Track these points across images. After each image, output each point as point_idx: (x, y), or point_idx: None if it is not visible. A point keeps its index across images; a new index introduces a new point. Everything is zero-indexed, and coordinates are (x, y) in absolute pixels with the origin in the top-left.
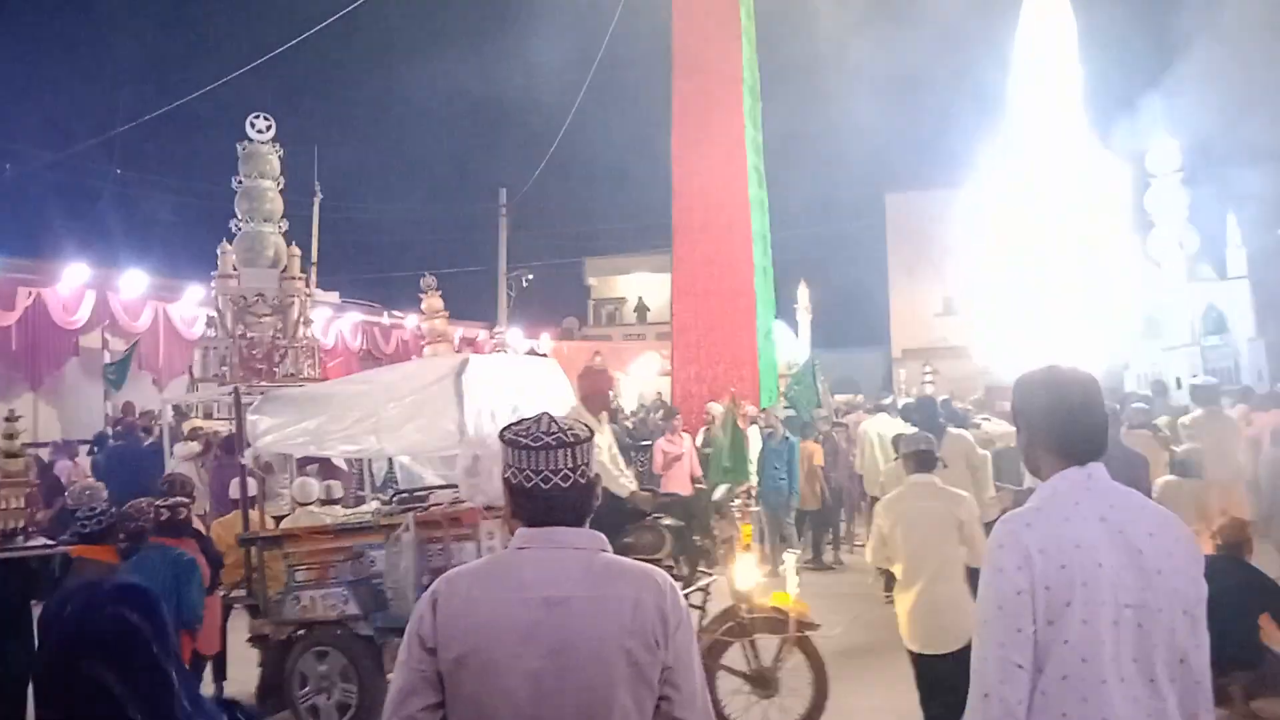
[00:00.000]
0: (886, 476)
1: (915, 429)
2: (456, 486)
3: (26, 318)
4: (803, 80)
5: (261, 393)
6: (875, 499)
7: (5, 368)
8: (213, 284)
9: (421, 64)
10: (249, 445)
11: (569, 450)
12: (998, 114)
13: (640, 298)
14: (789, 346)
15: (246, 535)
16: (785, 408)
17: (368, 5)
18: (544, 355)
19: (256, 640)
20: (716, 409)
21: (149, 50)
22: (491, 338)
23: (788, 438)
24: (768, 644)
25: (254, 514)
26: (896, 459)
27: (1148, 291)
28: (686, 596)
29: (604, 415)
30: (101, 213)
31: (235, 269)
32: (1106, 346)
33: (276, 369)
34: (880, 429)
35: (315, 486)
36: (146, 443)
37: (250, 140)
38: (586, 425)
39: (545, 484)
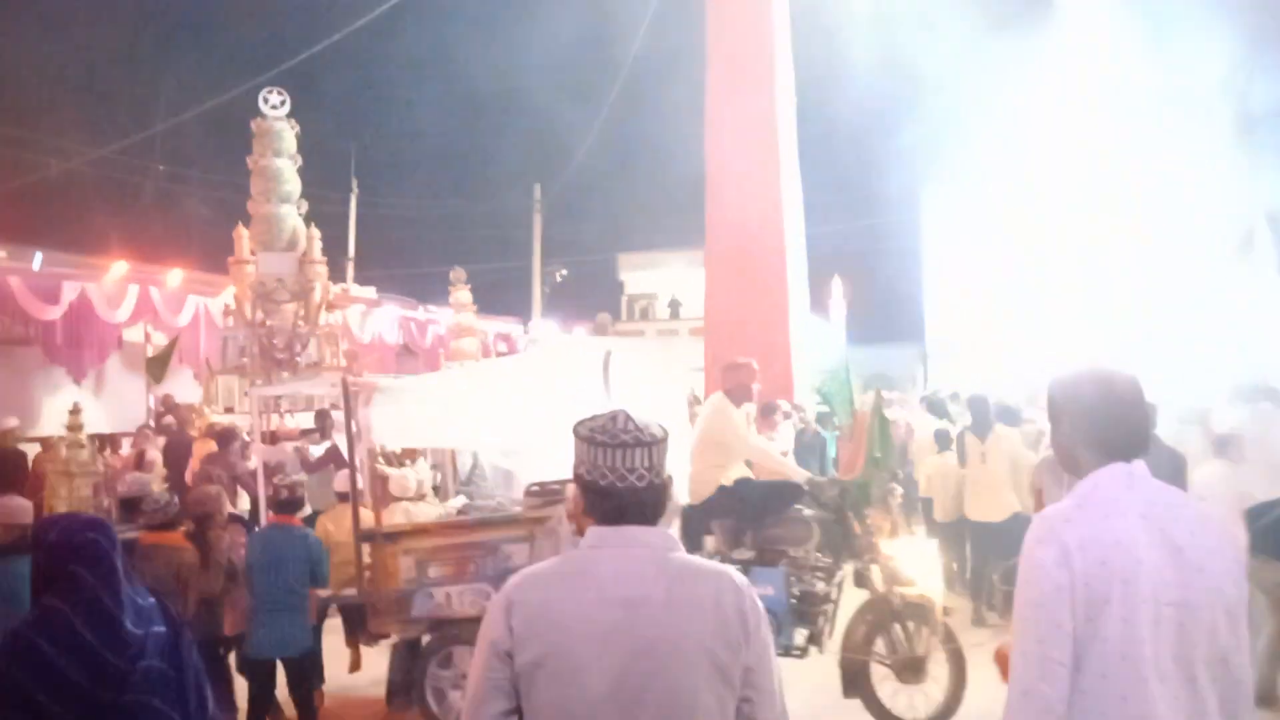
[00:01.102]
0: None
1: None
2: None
3: (71, 312)
4: (837, 74)
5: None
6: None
7: (51, 361)
8: (230, 270)
9: (456, 59)
10: (361, 438)
11: (646, 450)
12: (1036, 108)
13: (674, 293)
14: (823, 342)
15: (366, 531)
16: (818, 403)
17: (404, 1)
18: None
19: (373, 639)
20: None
21: (190, 47)
22: (526, 333)
23: (820, 433)
24: (912, 632)
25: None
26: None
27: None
28: (835, 584)
29: (747, 407)
30: (144, 209)
31: (252, 253)
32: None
33: (299, 358)
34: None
35: (413, 480)
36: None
37: (264, 116)
38: (663, 426)
39: (621, 483)
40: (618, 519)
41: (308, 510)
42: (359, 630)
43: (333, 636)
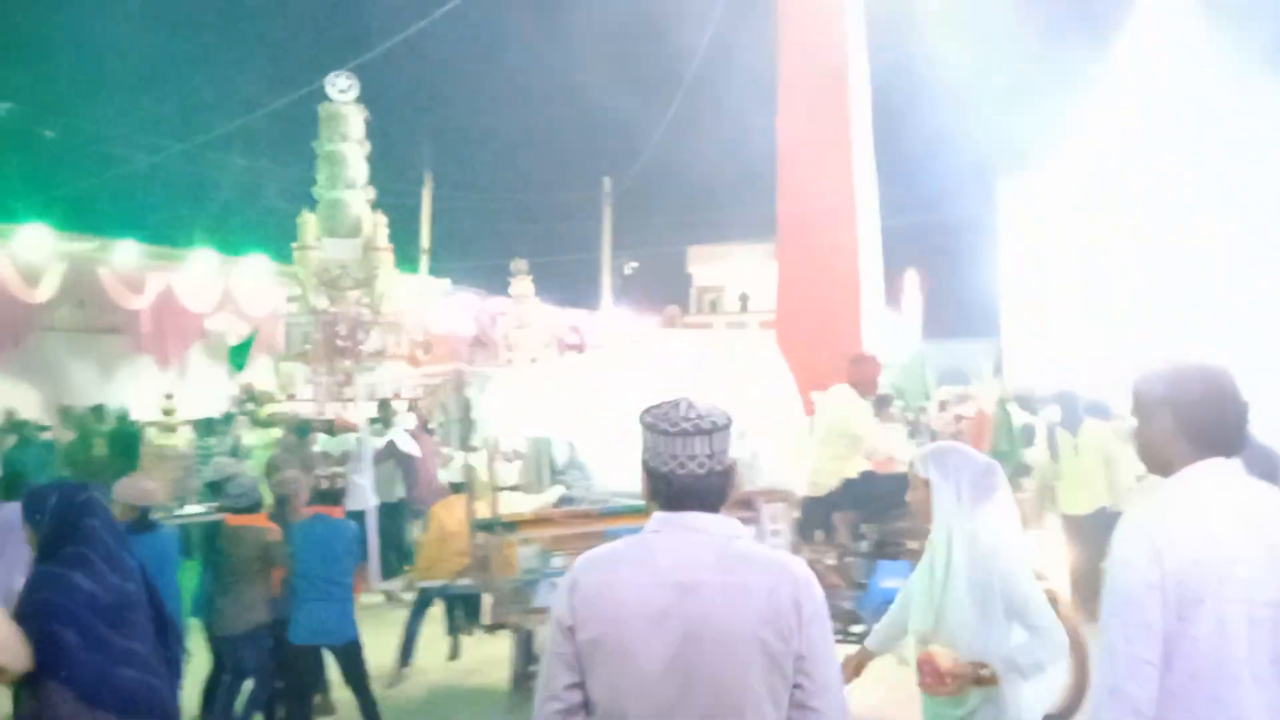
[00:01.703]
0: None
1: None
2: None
3: (157, 302)
4: (912, 63)
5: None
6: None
7: (138, 349)
8: (294, 256)
9: (526, 54)
10: (475, 427)
11: (706, 438)
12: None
13: (743, 286)
14: (896, 336)
15: (484, 520)
16: (897, 399)
17: None
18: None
19: (494, 628)
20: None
21: (268, 44)
22: (595, 323)
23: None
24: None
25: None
26: None
27: None
28: None
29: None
30: (226, 201)
31: (317, 240)
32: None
33: (361, 346)
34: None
35: (506, 470)
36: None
37: (330, 101)
38: (726, 413)
39: (681, 469)
40: (678, 504)
41: (374, 501)
42: (464, 620)
43: (431, 625)
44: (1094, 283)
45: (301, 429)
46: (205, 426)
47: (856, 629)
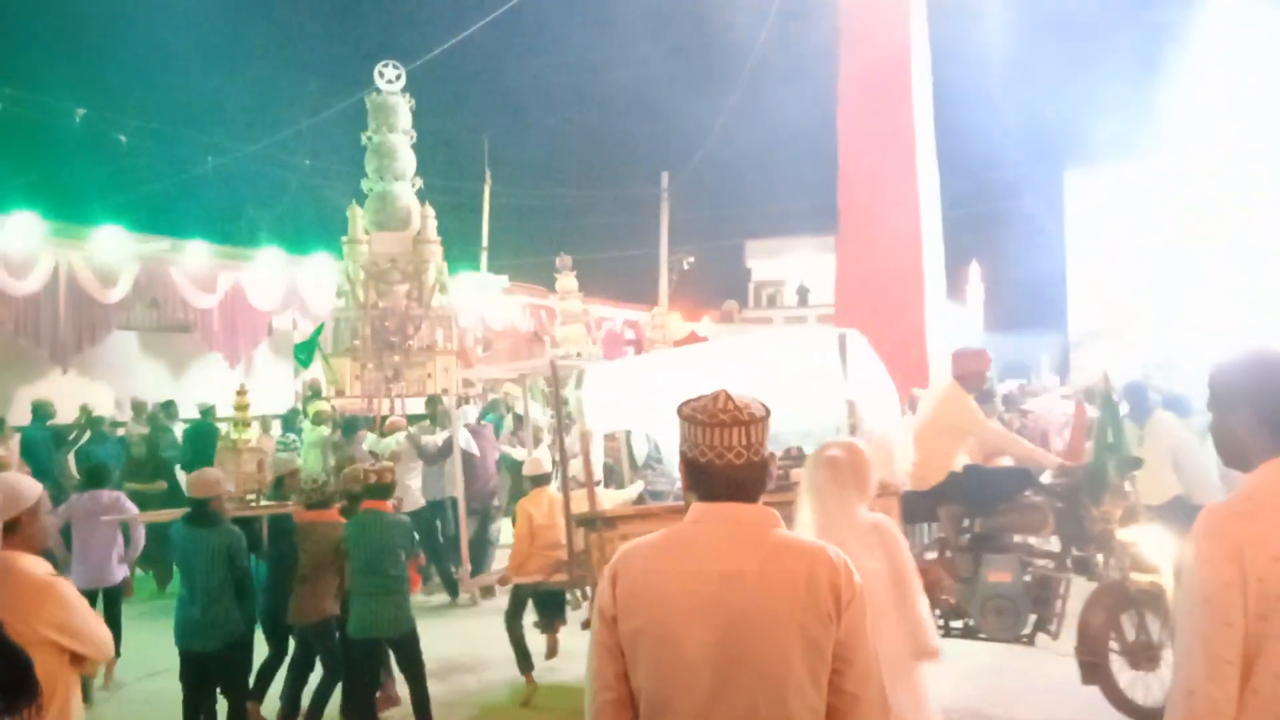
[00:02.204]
0: None
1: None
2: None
3: (226, 300)
4: (976, 54)
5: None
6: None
7: (208, 347)
8: (343, 250)
9: (585, 49)
10: (572, 421)
11: (743, 429)
12: (1188, 86)
13: (801, 280)
14: (959, 329)
15: (583, 516)
16: None
17: None
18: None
19: (587, 625)
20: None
21: (332, 45)
22: (652, 319)
23: None
24: (1146, 619)
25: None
26: None
27: None
28: (1066, 572)
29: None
30: (292, 200)
31: (366, 233)
32: None
33: (411, 341)
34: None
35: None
36: None
37: (378, 91)
38: (763, 404)
39: (719, 460)
40: (716, 495)
41: (422, 501)
42: (556, 617)
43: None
44: (1166, 278)
45: (348, 427)
46: (269, 423)
47: (957, 624)
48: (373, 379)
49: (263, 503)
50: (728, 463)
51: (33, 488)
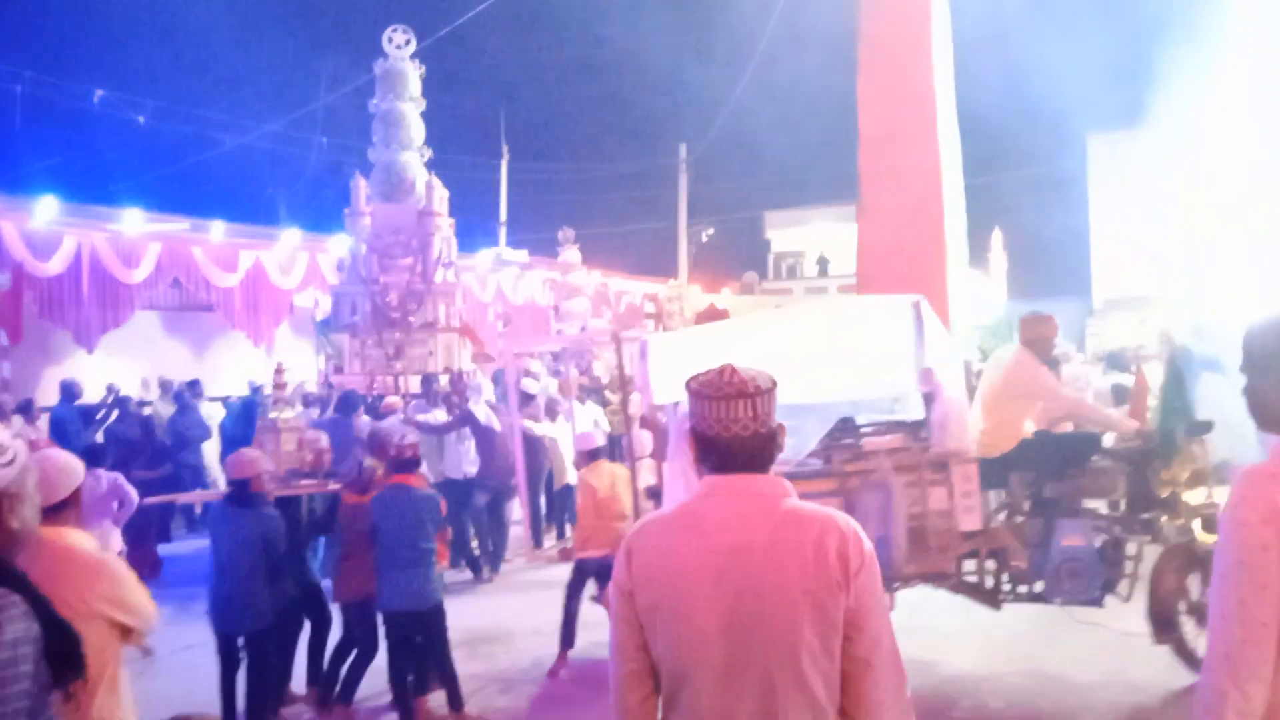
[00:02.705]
0: None
1: None
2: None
3: (248, 280)
4: (998, 18)
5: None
6: None
7: (231, 326)
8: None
9: (601, 21)
10: (636, 392)
11: (749, 401)
12: (1214, 49)
13: (821, 250)
14: (983, 297)
15: (654, 488)
16: (979, 360)
17: None
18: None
19: None
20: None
21: (348, 22)
22: (667, 291)
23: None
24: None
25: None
26: None
27: None
28: (1136, 535)
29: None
30: (311, 180)
31: (368, 204)
32: None
33: (412, 317)
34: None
35: (648, 438)
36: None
37: (386, 57)
38: (770, 377)
39: (725, 433)
40: (724, 467)
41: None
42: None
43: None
44: (1191, 244)
45: (344, 403)
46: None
47: (1024, 589)
48: (373, 356)
49: (303, 481)
50: (734, 435)
51: (80, 466)
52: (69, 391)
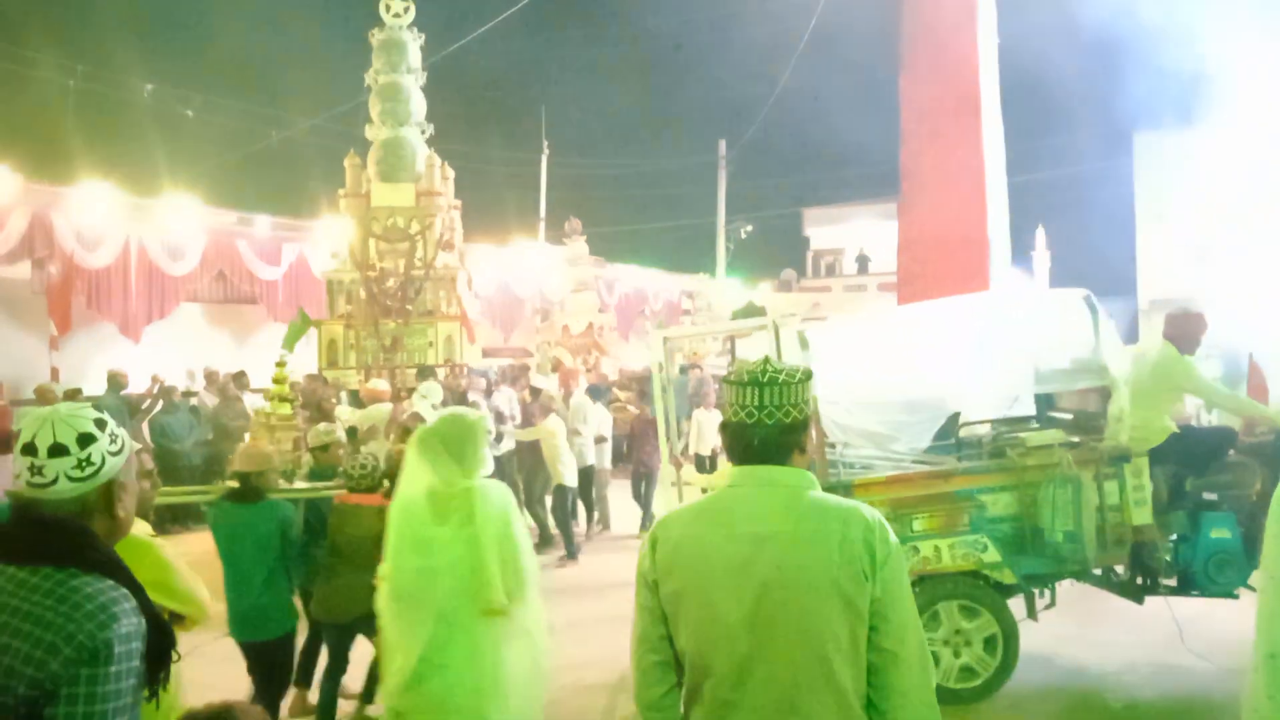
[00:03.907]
0: None
1: None
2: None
3: (290, 272)
4: (1044, 13)
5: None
6: None
7: (273, 318)
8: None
9: (642, 17)
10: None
11: (777, 389)
12: (1266, 47)
13: (861, 248)
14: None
15: (833, 483)
16: None
17: None
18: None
19: None
20: None
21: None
22: (698, 287)
23: None
24: None
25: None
26: None
27: None
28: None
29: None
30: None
31: (366, 184)
32: None
33: (409, 305)
34: None
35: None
36: None
37: (383, 26)
38: (805, 370)
39: (750, 419)
40: (746, 456)
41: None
42: None
43: None
44: (1242, 244)
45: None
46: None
47: (1166, 582)
48: (369, 348)
49: (298, 484)
50: (758, 421)
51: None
52: (116, 381)
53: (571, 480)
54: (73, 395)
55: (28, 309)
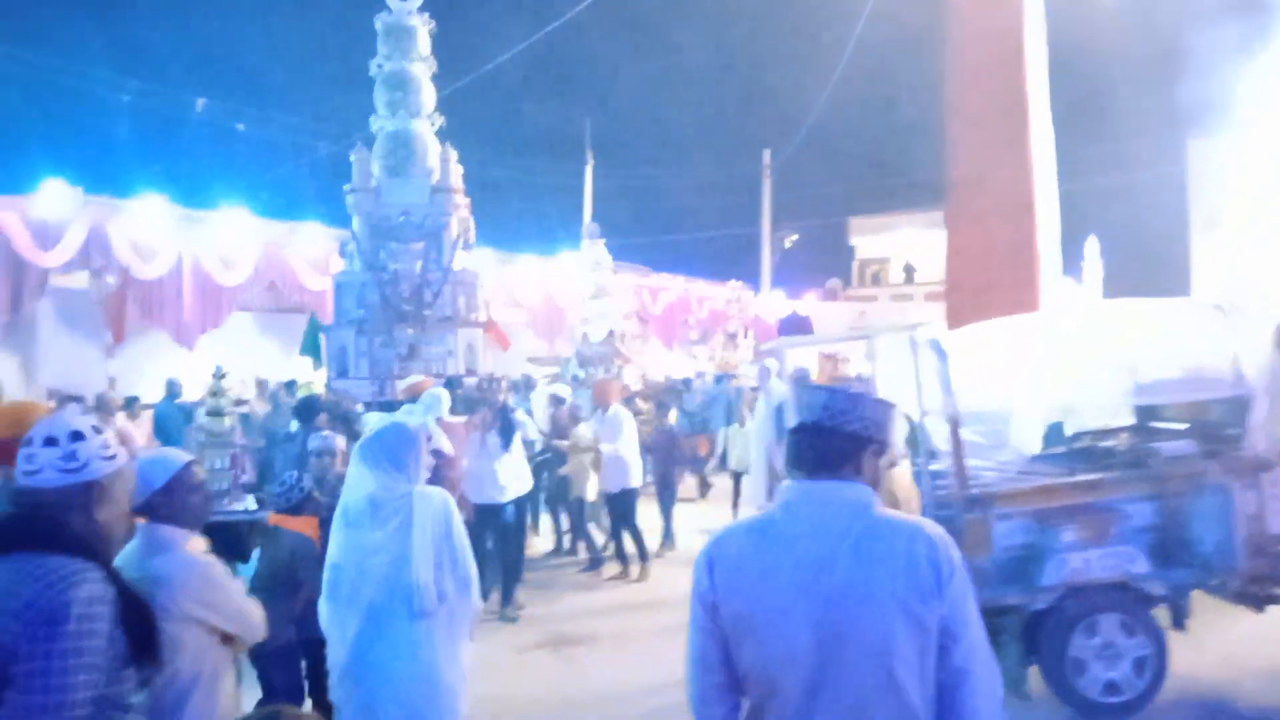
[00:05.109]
0: None
1: None
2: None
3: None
4: (1093, 16)
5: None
6: None
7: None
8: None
9: (686, 28)
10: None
11: (849, 397)
12: None
13: (907, 257)
14: (1072, 304)
15: (974, 495)
16: None
17: None
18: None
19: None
20: None
21: (442, 32)
22: (729, 296)
23: None
24: None
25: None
26: None
27: None
28: None
29: None
30: None
31: (374, 181)
32: None
33: (427, 310)
34: None
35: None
36: None
37: (389, 11)
38: (866, 385)
39: (810, 418)
40: (801, 462)
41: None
42: None
43: None
44: None
45: (303, 410)
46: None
47: None
48: (382, 357)
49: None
50: (818, 418)
51: (173, 461)
52: (172, 389)
53: (593, 494)
54: (131, 403)
55: (86, 319)
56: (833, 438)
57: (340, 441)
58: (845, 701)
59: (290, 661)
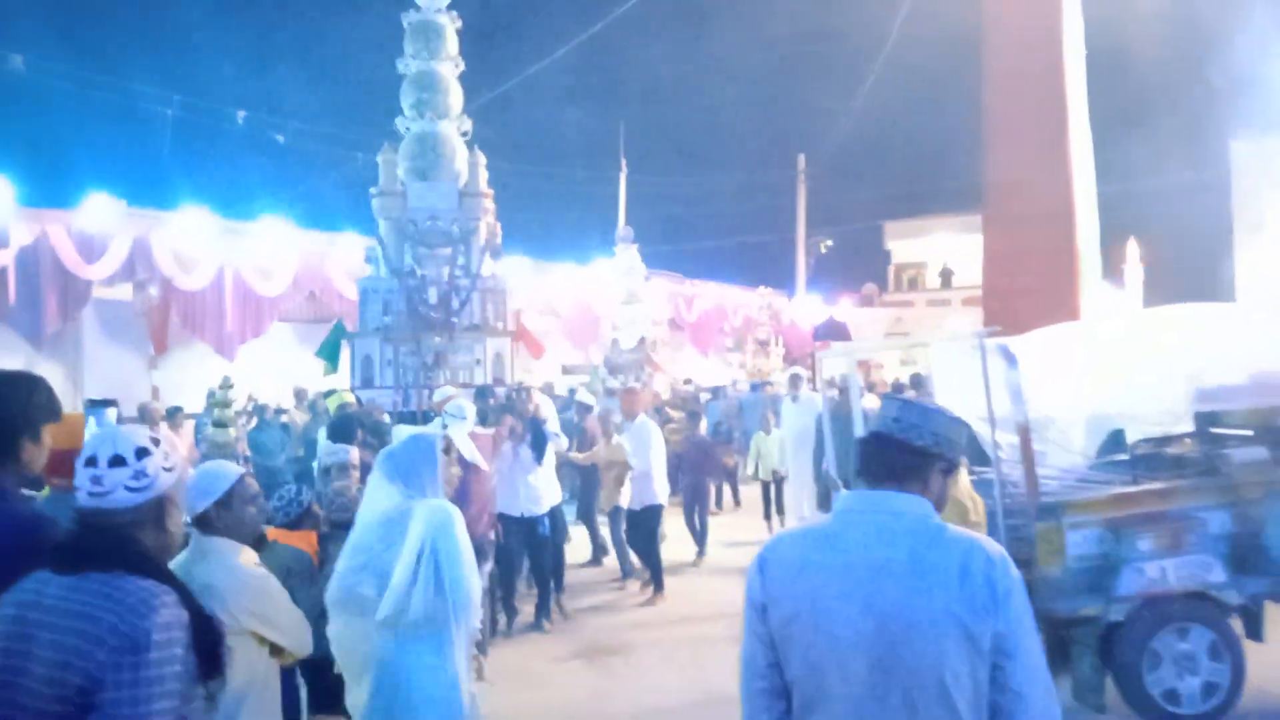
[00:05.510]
0: None
1: None
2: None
3: None
4: (1133, 16)
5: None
6: None
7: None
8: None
9: (721, 32)
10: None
11: (919, 410)
12: None
13: (944, 261)
14: (1116, 310)
15: (1047, 503)
16: None
17: None
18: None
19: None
20: None
21: (474, 40)
22: (759, 300)
23: None
24: None
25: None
26: None
27: None
28: None
29: None
30: None
31: (402, 184)
32: None
33: (455, 318)
34: None
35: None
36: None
37: (417, 9)
38: (947, 411)
39: (884, 429)
40: (867, 469)
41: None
42: None
43: None
44: None
45: (339, 429)
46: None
47: None
48: (409, 366)
49: None
50: (888, 429)
51: (229, 473)
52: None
53: (625, 503)
54: (173, 413)
55: (129, 330)
56: (901, 451)
57: (354, 455)
58: (894, 714)
59: (287, 679)
